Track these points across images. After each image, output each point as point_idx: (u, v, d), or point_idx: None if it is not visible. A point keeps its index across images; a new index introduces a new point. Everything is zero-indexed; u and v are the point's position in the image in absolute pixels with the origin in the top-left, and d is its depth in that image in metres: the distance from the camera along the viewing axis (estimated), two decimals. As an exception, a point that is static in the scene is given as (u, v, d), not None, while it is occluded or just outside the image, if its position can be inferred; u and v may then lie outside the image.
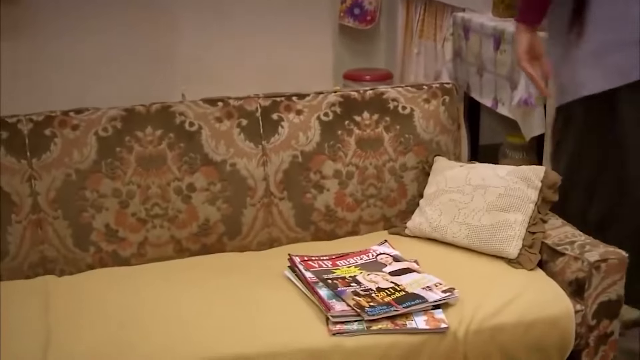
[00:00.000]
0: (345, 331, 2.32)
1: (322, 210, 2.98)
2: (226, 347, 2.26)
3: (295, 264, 2.63)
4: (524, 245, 2.70)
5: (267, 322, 2.36)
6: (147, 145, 2.80)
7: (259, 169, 2.90)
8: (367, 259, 2.72)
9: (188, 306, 2.44)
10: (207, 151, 2.85)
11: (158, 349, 2.24)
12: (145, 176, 2.79)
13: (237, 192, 2.88)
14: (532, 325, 2.44)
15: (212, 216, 2.86)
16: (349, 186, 2.99)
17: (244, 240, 2.92)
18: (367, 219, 3.04)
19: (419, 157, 3.06)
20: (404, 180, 3.05)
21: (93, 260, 2.78)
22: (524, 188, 2.78)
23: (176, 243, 2.85)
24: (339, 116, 2.99)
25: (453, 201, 2.84)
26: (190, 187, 2.84)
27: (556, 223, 2.80)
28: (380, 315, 2.35)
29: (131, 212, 2.79)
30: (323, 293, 2.44)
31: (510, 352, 2.44)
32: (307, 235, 2.98)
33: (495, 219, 2.74)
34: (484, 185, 2.81)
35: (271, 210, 2.93)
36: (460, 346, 2.38)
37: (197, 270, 2.71)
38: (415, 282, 2.53)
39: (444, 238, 2.83)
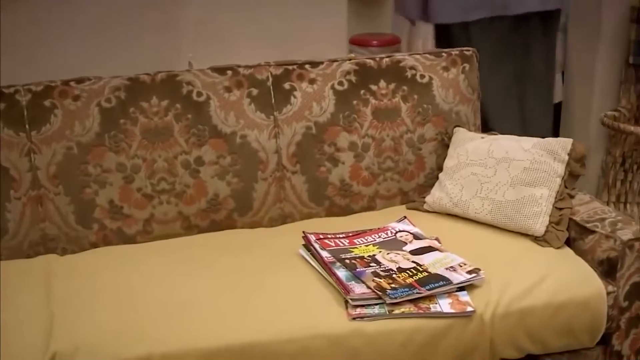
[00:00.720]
0: (366, 315, 2.19)
1: (337, 185, 2.85)
2: (239, 333, 2.13)
3: (310, 242, 2.50)
4: (550, 222, 2.57)
5: (282, 306, 2.24)
6: (153, 117, 2.67)
7: (271, 141, 2.77)
8: (386, 236, 2.58)
9: (198, 289, 2.31)
10: (215, 123, 2.72)
11: (167, 337, 2.11)
12: (150, 149, 2.67)
13: (247, 166, 2.76)
14: (562, 308, 2.31)
15: (222, 191, 2.74)
16: (364, 159, 2.87)
17: (255, 217, 2.80)
18: (384, 193, 2.91)
19: (438, 128, 2.93)
20: (422, 153, 2.93)
21: (96, 238, 2.67)
22: (550, 161, 2.64)
23: (184, 219, 2.73)
24: (354, 85, 2.86)
25: (475, 175, 2.70)
26: (198, 160, 2.71)
27: (584, 198, 2.66)
28: (402, 298, 2.22)
29: (136, 187, 2.67)
30: (341, 274, 2.31)
31: (538, 336, 2.32)
32: (321, 211, 2.87)
33: (520, 194, 2.60)
34: (507, 158, 2.67)
35: (283, 185, 2.80)
36: (487, 330, 2.25)
37: (207, 249, 2.59)
38: (438, 262, 2.40)
39: (466, 214, 2.69)
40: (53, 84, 2.63)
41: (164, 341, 2.10)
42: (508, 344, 2.30)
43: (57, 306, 2.23)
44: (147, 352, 2.06)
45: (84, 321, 2.17)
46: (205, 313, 2.19)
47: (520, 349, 2.33)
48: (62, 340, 2.08)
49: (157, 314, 2.19)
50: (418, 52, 3.01)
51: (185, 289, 2.31)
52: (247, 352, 2.12)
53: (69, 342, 2.08)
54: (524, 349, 2.33)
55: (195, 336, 2.11)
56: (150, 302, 2.25)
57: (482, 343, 2.26)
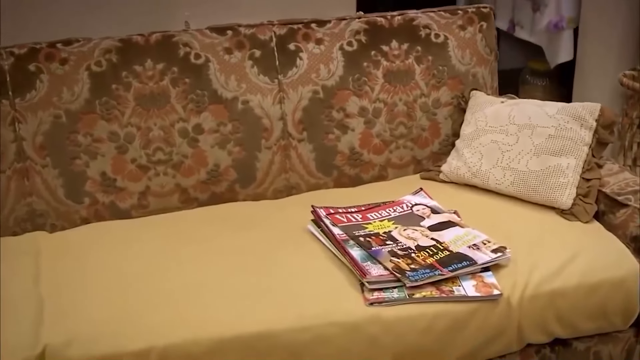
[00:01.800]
0: (384, 300, 2.02)
1: (346, 153, 2.70)
2: (248, 322, 1.96)
3: (320, 217, 2.32)
4: (578, 194, 2.39)
5: (293, 291, 2.06)
6: (147, 82, 2.51)
7: (275, 107, 2.61)
8: (402, 210, 2.40)
9: (200, 272, 2.13)
10: (215, 87, 2.56)
11: (169, 327, 1.93)
12: (145, 117, 2.51)
13: (250, 134, 2.60)
14: (595, 289, 2.15)
15: (223, 161, 2.58)
16: (375, 125, 2.71)
17: (259, 188, 2.65)
18: (396, 161, 2.75)
19: (454, 92, 2.77)
20: (437, 118, 2.76)
21: (88, 213, 2.51)
22: (577, 128, 2.45)
23: (182, 192, 2.58)
24: (364, 46, 2.69)
25: (495, 143, 2.52)
26: (197, 128, 2.55)
27: (613, 168, 2.48)
28: (423, 280, 2.04)
29: (130, 158, 2.51)
30: (355, 254, 2.13)
31: (568, 319, 2.15)
32: (329, 181, 2.71)
33: (545, 163, 2.43)
34: (530, 125, 2.49)
35: (289, 154, 2.65)
36: (515, 314, 2.08)
37: (207, 224, 2.42)
38: (459, 239, 2.22)
39: (486, 185, 2.51)
40: (38, 46, 2.45)
41: (165, 332, 1.92)
42: (536, 328, 2.13)
43: (47, 291, 2.06)
44: (147, 345, 1.89)
45: (77, 309, 1.98)
46: (209, 299, 2.02)
47: (548, 333, 2.16)
48: (53, 331, 1.90)
49: (157, 300, 2.01)
50: (432, 9, 2.80)
51: (187, 272, 2.13)
52: (257, 343, 1.94)
53: (61, 333, 1.90)
54: (553, 333, 2.16)
55: (200, 326, 1.94)
56: (149, 286, 2.07)
57: (509, 328, 2.10)
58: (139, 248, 2.26)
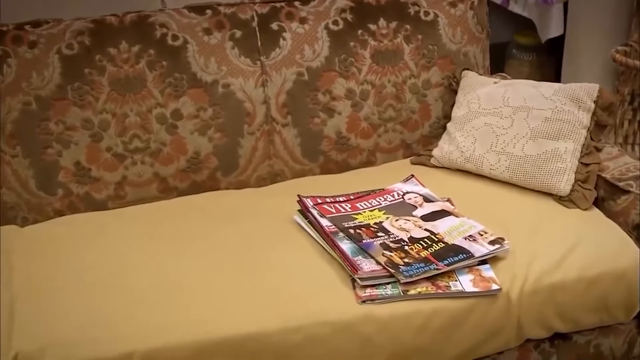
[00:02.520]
0: (378, 297, 1.91)
1: (333, 138, 2.58)
2: (235, 323, 1.84)
3: (307, 208, 2.20)
4: (576, 180, 2.29)
5: (281, 289, 1.95)
6: (122, 65, 2.38)
7: (258, 91, 2.49)
8: (393, 199, 2.29)
9: (182, 269, 2.01)
10: (194, 70, 2.43)
11: (147, 330, 1.81)
12: (121, 102, 2.38)
13: (232, 119, 2.48)
14: (596, 281, 2.05)
15: (203, 148, 2.47)
16: (363, 108, 2.59)
17: (242, 176, 2.53)
18: (385, 145, 2.64)
19: (445, 72, 2.66)
20: (427, 100, 2.65)
21: (62, 205, 2.39)
22: (575, 110, 2.35)
23: (161, 181, 2.46)
24: (350, 25, 2.57)
25: (489, 126, 2.41)
26: (175, 114, 2.42)
27: (612, 151, 2.38)
28: (418, 275, 1.93)
29: (105, 146, 2.39)
30: (345, 247, 2.02)
31: (569, 313, 2.06)
32: (315, 167, 2.60)
33: (542, 148, 2.32)
34: (526, 107, 2.38)
35: (273, 139, 2.53)
36: (514, 309, 1.98)
37: (188, 216, 2.31)
38: (455, 230, 2.11)
39: (480, 170, 2.40)
40: (4, 28, 2.31)
41: (146, 336, 1.80)
42: (536, 324, 2.04)
43: (19, 292, 1.93)
44: (127, 350, 1.77)
45: (52, 312, 1.86)
46: (193, 299, 1.90)
47: (549, 328, 2.07)
48: (25, 337, 1.78)
49: (138, 301, 1.89)
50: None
51: (169, 270, 2.01)
52: (245, 345, 1.83)
53: (34, 339, 1.78)
54: (553, 327, 2.07)
55: (184, 328, 1.82)
56: (128, 286, 1.95)
57: (508, 324, 2.00)
58: (116, 243, 2.14)
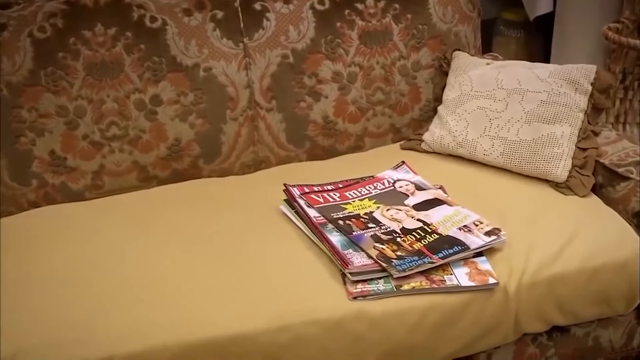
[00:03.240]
0: (369, 293, 1.82)
1: (319, 122, 2.48)
2: (220, 323, 1.74)
3: (293, 197, 2.10)
4: (574, 166, 2.20)
5: (268, 285, 1.85)
6: (98, 49, 2.26)
7: (241, 74, 2.38)
8: (383, 187, 2.19)
9: (163, 264, 1.92)
10: (174, 53, 2.32)
11: (128, 332, 1.71)
12: (97, 88, 2.27)
13: (214, 104, 2.37)
14: (596, 273, 1.96)
15: (184, 135, 2.36)
16: (351, 91, 2.49)
17: (225, 163, 2.43)
18: (373, 130, 2.54)
19: (435, 53, 2.57)
20: (417, 82, 2.55)
21: (37, 196, 2.28)
22: (571, 93, 2.25)
23: (140, 170, 2.36)
24: (337, 4, 2.46)
25: (482, 109, 2.32)
26: (155, 99, 2.32)
27: (610, 135, 2.29)
28: (412, 269, 1.84)
29: (82, 134, 2.28)
30: (335, 240, 1.93)
31: (569, 306, 1.97)
32: (301, 154, 2.51)
33: (538, 132, 2.23)
34: (520, 90, 2.28)
35: (257, 125, 2.43)
36: (512, 303, 1.90)
37: (169, 206, 2.21)
38: (449, 220, 2.02)
39: (473, 156, 2.31)
40: (-28, 11, 2.20)
41: (127, 338, 1.70)
42: (535, 318, 1.95)
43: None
44: (106, 354, 1.67)
45: (25, 313, 1.76)
46: (175, 298, 1.80)
47: (547, 322, 1.98)
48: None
49: (117, 300, 1.79)
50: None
51: (149, 266, 1.91)
52: (230, 347, 1.73)
53: (7, 343, 1.67)
54: (552, 321, 1.99)
55: (166, 329, 1.72)
56: (107, 284, 1.84)
57: (505, 319, 1.91)
58: (94, 237, 2.04)
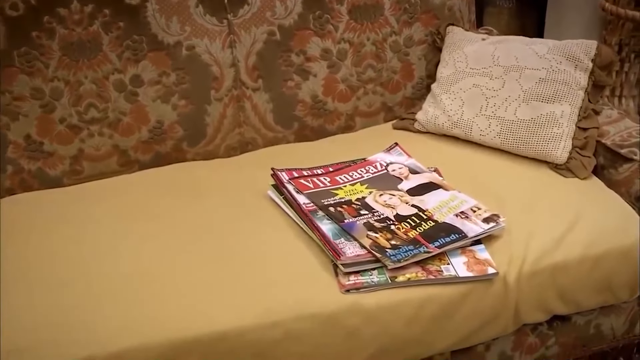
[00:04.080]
0: (363, 286, 1.72)
1: (308, 102, 2.38)
2: (206, 321, 1.64)
3: (282, 183, 2.00)
4: (574, 147, 2.11)
5: (257, 279, 1.75)
6: (75, 27, 2.13)
7: (225, 52, 2.27)
8: (376, 171, 2.10)
9: (146, 257, 1.81)
10: (155, 31, 2.20)
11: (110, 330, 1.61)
12: (74, 69, 2.15)
13: (197, 84, 2.27)
14: (599, 260, 1.87)
15: (167, 117, 2.26)
16: (341, 69, 2.39)
17: (209, 145, 2.33)
18: (364, 109, 2.44)
19: (428, 28, 2.47)
20: (409, 59, 2.45)
21: (12, 183, 2.18)
22: (571, 70, 2.16)
23: (121, 154, 2.25)
24: None
25: (478, 87, 2.22)
26: (135, 80, 2.21)
27: (612, 114, 2.20)
28: (407, 260, 1.75)
29: (59, 117, 2.17)
30: (326, 229, 1.84)
31: (571, 295, 1.89)
32: (289, 135, 2.41)
33: (536, 111, 2.14)
34: (518, 67, 2.19)
35: (243, 105, 2.32)
36: (512, 294, 1.81)
37: (151, 193, 2.11)
38: (444, 206, 1.93)
39: (469, 136, 2.22)
40: (-62, -12, 2.06)
41: (109, 337, 1.60)
42: (535, 308, 1.87)
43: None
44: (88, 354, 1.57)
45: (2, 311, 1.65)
46: (159, 294, 1.70)
47: (548, 311, 1.90)
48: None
49: (98, 296, 1.69)
50: None
51: (131, 259, 1.81)
52: (218, 344, 1.64)
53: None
54: (553, 310, 1.91)
55: (150, 327, 1.62)
56: (87, 279, 1.74)
57: (505, 310, 1.83)
58: (72, 227, 1.93)
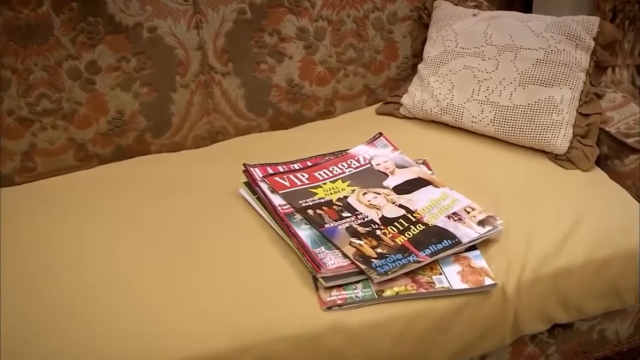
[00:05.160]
0: (346, 302, 1.55)
1: (283, 86, 2.20)
2: (170, 347, 1.46)
3: (255, 180, 1.81)
4: (575, 135, 1.93)
5: (227, 295, 1.57)
6: (21, 9, 1.92)
7: (191, 34, 2.07)
8: (358, 165, 1.91)
9: (102, 266, 1.64)
10: (112, 12, 1.99)
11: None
12: (22, 55, 1.94)
13: (161, 70, 2.07)
14: (605, 264, 1.71)
15: (128, 106, 2.07)
16: (319, 50, 2.20)
17: (176, 136, 2.14)
18: (345, 92, 2.26)
19: (414, 2, 2.28)
20: (393, 37, 2.26)
21: None
22: (572, 50, 1.97)
23: (78, 148, 2.06)
24: None
25: (469, 69, 2.03)
26: (91, 66, 2.00)
27: (616, 98, 2.02)
28: (395, 272, 1.57)
29: (7, 109, 1.97)
30: (304, 235, 1.66)
31: (574, 302, 1.73)
32: (262, 122, 2.22)
33: (533, 96, 1.96)
34: (513, 46, 2.00)
35: (211, 92, 2.13)
36: (511, 304, 1.65)
37: (112, 189, 1.94)
38: (435, 205, 1.75)
39: (459, 123, 2.04)
40: None
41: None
42: (536, 317, 1.70)
43: None
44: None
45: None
46: (117, 313, 1.51)
47: (549, 321, 1.74)
48: None
49: (42, 317, 1.51)
50: None
51: (86, 269, 1.63)
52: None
53: None
54: (554, 319, 1.74)
55: (103, 356, 1.44)
56: (30, 294, 1.56)
57: (503, 322, 1.66)
58: (24, 230, 1.75)
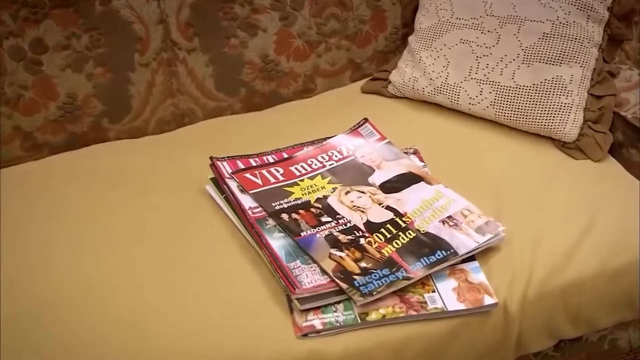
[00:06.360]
0: (325, 328, 1.34)
1: (257, 63, 1.97)
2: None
3: (223, 177, 1.59)
4: (586, 120, 1.71)
5: (186, 314, 1.36)
6: (-48, -19, 1.69)
7: (151, 6, 1.83)
8: (341, 157, 1.69)
9: (49, 280, 1.42)
10: (59, -18, 1.75)
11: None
12: None
13: (117, 47, 1.84)
14: (620, 274, 1.51)
15: (81, 89, 1.84)
16: (296, 21, 1.96)
17: (136, 121, 1.92)
18: (327, 68, 2.04)
19: None
20: (380, 5, 2.03)
21: None
22: (582, 22, 1.74)
23: (25, 137, 1.84)
24: None
25: (467, 43, 1.81)
26: (37, 45, 1.76)
27: (631, 76, 1.81)
28: (381, 291, 1.36)
29: None
30: (277, 246, 1.44)
31: (584, 316, 1.53)
32: (235, 103, 2.00)
33: (539, 75, 1.74)
34: (516, 18, 1.77)
35: (175, 71, 1.91)
36: (514, 323, 1.45)
37: (62, 184, 1.70)
38: (428, 207, 1.54)
39: (455, 105, 1.82)
40: None
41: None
42: (541, 335, 1.51)
43: None
44: None
45: None
46: (60, 338, 1.31)
47: (555, 337, 1.55)
48: None
49: None
50: None
51: (29, 291, 1.41)
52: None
53: None
54: (561, 335, 1.55)
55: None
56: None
57: (505, 342, 1.47)
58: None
